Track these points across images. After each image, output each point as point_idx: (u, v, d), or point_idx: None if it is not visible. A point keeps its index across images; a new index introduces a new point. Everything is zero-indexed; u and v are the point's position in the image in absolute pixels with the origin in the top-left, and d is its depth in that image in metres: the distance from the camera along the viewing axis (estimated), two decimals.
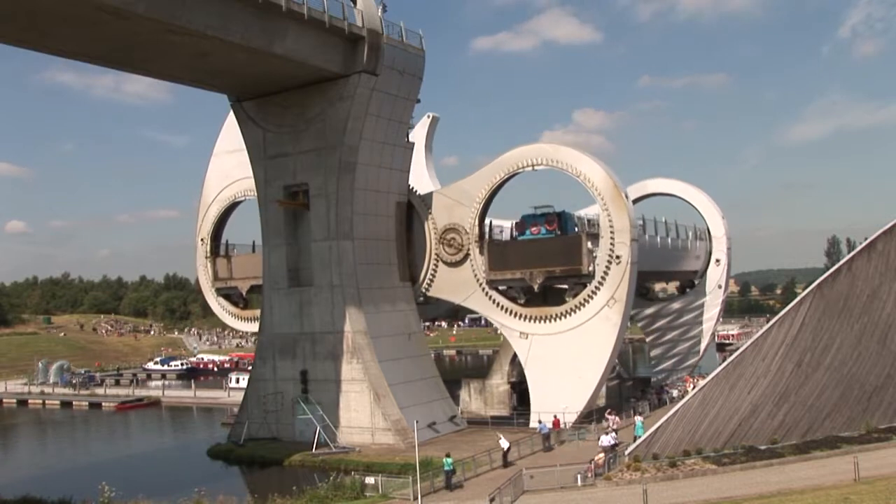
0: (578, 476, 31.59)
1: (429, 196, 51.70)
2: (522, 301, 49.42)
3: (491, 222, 50.90)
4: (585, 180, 46.45)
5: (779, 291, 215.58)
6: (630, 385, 60.45)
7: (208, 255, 58.90)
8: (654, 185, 64.07)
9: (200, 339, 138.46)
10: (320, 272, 46.98)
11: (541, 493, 30.71)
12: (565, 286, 49.43)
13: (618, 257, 45.42)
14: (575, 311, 46.48)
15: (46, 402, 79.33)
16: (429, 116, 73.42)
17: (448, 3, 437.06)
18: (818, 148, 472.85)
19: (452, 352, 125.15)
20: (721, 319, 71.96)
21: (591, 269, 46.00)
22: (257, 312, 53.52)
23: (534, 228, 49.13)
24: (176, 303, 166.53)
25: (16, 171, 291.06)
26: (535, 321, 47.60)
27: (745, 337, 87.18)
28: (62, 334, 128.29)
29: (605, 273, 45.71)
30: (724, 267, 64.52)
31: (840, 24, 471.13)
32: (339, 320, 45.92)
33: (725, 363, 34.47)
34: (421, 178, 67.40)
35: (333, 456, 42.68)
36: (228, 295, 58.75)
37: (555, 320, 47.04)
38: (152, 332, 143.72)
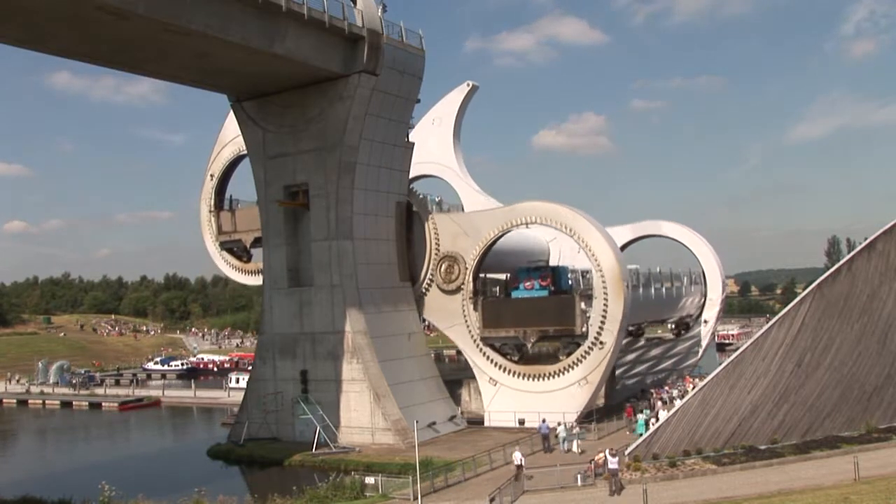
0: (578, 476, 31.62)
1: (435, 214, 51.57)
2: (517, 358, 48.77)
3: (486, 276, 50.50)
4: (592, 257, 45.80)
5: (779, 291, 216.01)
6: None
7: (212, 209, 58.81)
8: (668, 228, 63.73)
9: (203, 338, 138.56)
10: (320, 272, 46.98)
11: (541, 493, 30.75)
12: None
13: (602, 343, 45.12)
14: (546, 378, 46.51)
15: (46, 402, 79.31)
16: (468, 85, 67.66)
17: (448, 3, 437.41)
18: (819, 147, 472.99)
19: (452, 352, 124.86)
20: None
21: (584, 329, 45.67)
22: (260, 265, 53.38)
23: (527, 283, 48.84)
24: (176, 303, 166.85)
25: (15, 170, 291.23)
26: (506, 372, 47.78)
27: (745, 337, 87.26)
28: (62, 334, 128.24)
29: (587, 353, 45.49)
30: (710, 328, 63.95)
31: (843, 21, 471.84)
32: (339, 320, 45.94)
33: (725, 363, 34.48)
34: (447, 156, 65.80)
35: (333, 456, 42.64)
36: (231, 249, 58.68)
37: (525, 378, 47.14)
38: (152, 333, 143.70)
